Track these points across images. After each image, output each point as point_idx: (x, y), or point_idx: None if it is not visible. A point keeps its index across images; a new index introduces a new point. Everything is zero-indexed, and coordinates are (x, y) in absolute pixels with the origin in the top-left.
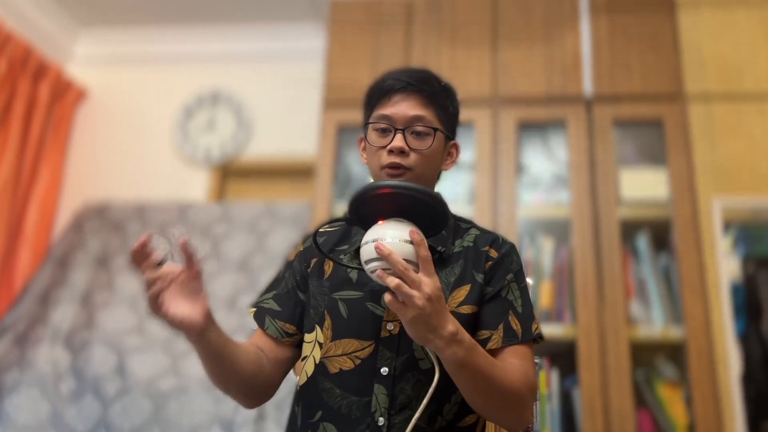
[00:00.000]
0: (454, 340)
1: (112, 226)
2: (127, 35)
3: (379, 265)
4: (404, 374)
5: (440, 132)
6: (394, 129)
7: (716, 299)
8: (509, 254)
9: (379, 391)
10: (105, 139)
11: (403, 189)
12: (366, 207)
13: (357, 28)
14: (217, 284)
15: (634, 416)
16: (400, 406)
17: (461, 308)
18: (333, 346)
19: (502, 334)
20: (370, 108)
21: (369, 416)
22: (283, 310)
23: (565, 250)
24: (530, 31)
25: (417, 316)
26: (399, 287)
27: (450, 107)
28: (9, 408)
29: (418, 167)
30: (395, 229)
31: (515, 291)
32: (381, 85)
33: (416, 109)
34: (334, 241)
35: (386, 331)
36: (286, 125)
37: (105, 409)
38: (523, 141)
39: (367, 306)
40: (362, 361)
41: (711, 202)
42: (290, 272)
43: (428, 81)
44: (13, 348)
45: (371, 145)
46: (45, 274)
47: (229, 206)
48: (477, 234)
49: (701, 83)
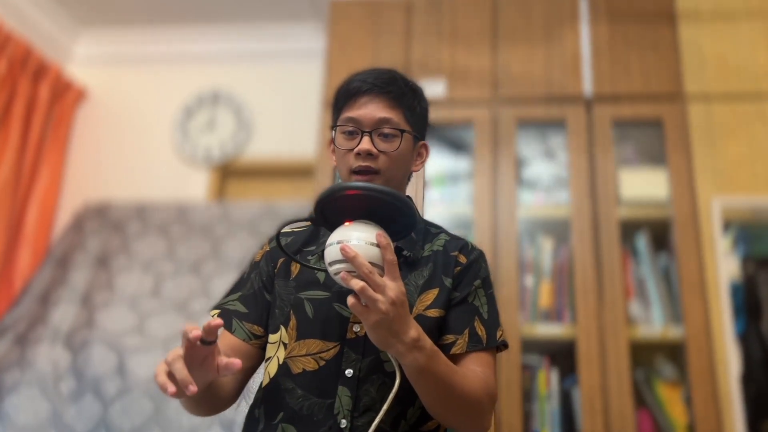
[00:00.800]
0: (416, 346)
1: (112, 226)
2: (127, 35)
3: (344, 267)
4: (369, 376)
5: (408, 133)
6: (361, 132)
7: (716, 299)
8: (478, 260)
9: (343, 393)
10: (105, 139)
11: (371, 191)
12: (333, 208)
13: (357, 28)
14: (217, 284)
15: (634, 416)
16: (363, 409)
17: (429, 311)
18: (297, 346)
19: (467, 339)
20: (337, 111)
21: (331, 418)
22: (250, 311)
23: (564, 250)
24: (530, 31)
25: (380, 320)
26: (363, 290)
27: (417, 107)
28: (9, 408)
29: (387, 170)
30: (362, 231)
31: (482, 297)
32: (347, 88)
33: (383, 111)
34: (301, 241)
35: (352, 333)
36: (286, 125)
37: (105, 409)
38: (522, 141)
39: (334, 306)
40: (326, 362)
41: (711, 202)
42: (256, 272)
43: (395, 82)
44: (13, 348)
45: (339, 148)
46: (45, 274)
47: (229, 206)
48: (447, 239)
49: (701, 83)
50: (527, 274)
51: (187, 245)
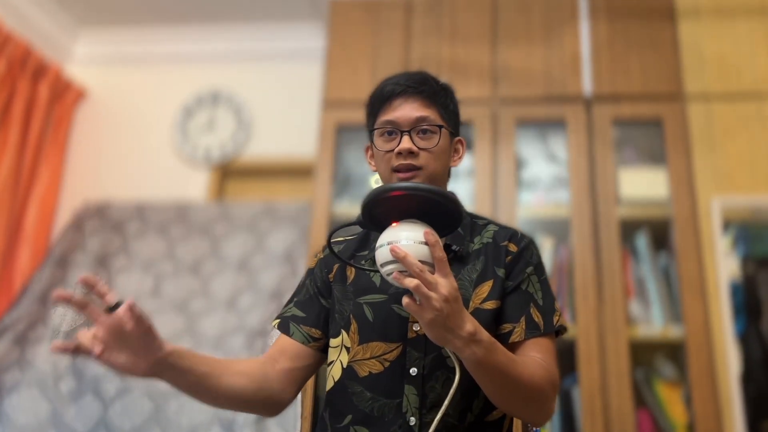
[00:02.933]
0: (473, 340)
1: (111, 226)
2: (127, 35)
3: (395, 267)
4: (433, 373)
5: (445, 129)
6: (400, 132)
7: (716, 299)
8: (528, 248)
9: (410, 392)
10: (105, 139)
11: (416, 190)
12: (379, 210)
13: (357, 28)
14: (217, 284)
15: (634, 416)
16: (430, 405)
17: (485, 304)
18: (361, 350)
19: (525, 327)
20: (373, 116)
21: (401, 417)
22: (308, 315)
23: (564, 249)
24: (530, 30)
25: (435, 317)
26: (417, 288)
27: (450, 105)
28: (9, 408)
29: (428, 166)
30: (409, 230)
31: (536, 284)
32: (381, 92)
33: (419, 110)
34: (354, 247)
35: (413, 332)
36: (286, 125)
37: (105, 409)
38: (522, 141)
39: (393, 308)
40: (391, 363)
41: (710, 201)
42: (311, 279)
43: (427, 82)
44: (13, 348)
45: (379, 151)
46: (45, 274)
47: (229, 206)
48: (495, 230)
49: (701, 83)
50: None
51: (187, 245)
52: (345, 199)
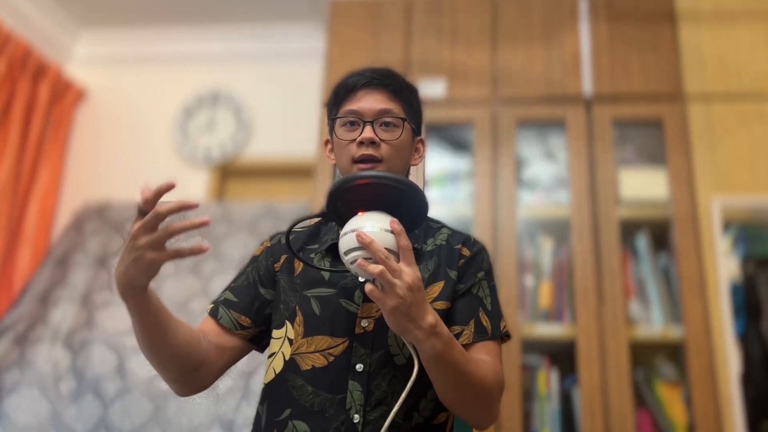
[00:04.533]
0: (434, 332)
1: (112, 226)
2: (127, 35)
3: (360, 254)
4: (380, 370)
5: (408, 124)
6: (363, 122)
7: (716, 299)
8: (480, 253)
9: (354, 388)
10: (105, 139)
11: (382, 179)
12: (344, 200)
13: (357, 27)
14: (217, 284)
15: (634, 416)
16: (375, 402)
17: (435, 304)
18: (305, 343)
19: (473, 330)
20: (335, 107)
21: (344, 413)
22: (240, 301)
23: (564, 250)
24: (530, 31)
25: (397, 305)
26: (382, 274)
27: (414, 103)
28: (9, 408)
29: (389, 158)
30: (375, 219)
31: (485, 289)
32: (345, 83)
33: (383, 102)
34: (303, 239)
35: (360, 328)
36: (286, 125)
37: (105, 409)
38: (522, 141)
39: (341, 303)
40: (336, 358)
41: (710, 202)
42: (253, 266)
43: (392, 77)
44: (13, 348)
45: (340, 140)
46: (45, 274)
47: (229, 206)
48: (449, 233)
49: (701, 83)
50: (527, 274)
51: (187, 245)
52: None
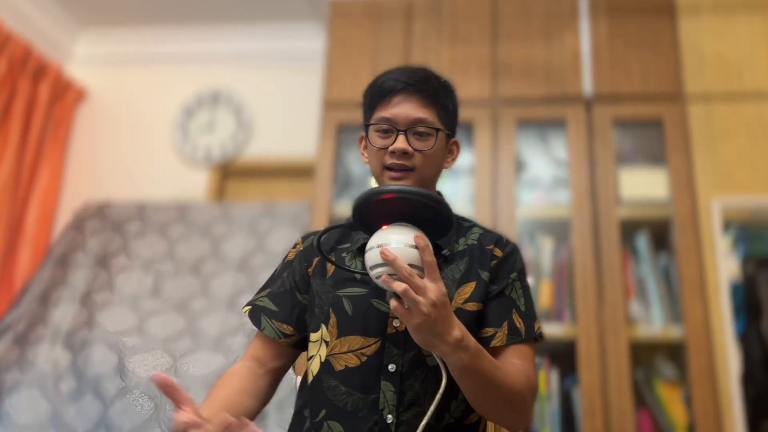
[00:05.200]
0: (460, 346)
1: (112, 226)
2: (127, 35)
3: (385, 270)
4: (412, 371)
5: (442, 132)
6: (396, 130)
7: (716, 299)
8: (513, 253)
9: (387, 388)
10: (105, 139)
11: (407, 194)
12: (370, 212)
13: (357, 27)
14: (217, 284)
15: (634, 416)
16: (408, 403)
17: (467, 305)
18: (338, 344)
19: (506, 332)
20: (370, 109)
21: (377, 413)
22: (281, 310)
23: (564, 249)
24: (530, 30)
25: (422, 322)
26: (405, 293)
27: (450, 105)
28: (9, 408)
29: (422, 168)
30: (400, 233)
31: (518, 290)
32: (381, 86)
33: (418, 110)
34: (334, 239)
35: (392, 328)
36: (286, 125)
37: (105, 409)
38: (522, 141)
39: (372, 303)
40: (368, 358)
41: (711, 202)
42: (289, 272)
43: (428, 80)
44: (13, 348)
45: (373, 146)
46: (45, 274)
47: (229, 206)
48: (480, 233)
49: (701, 83)
50: (527, 274)
51: (187, 245)
52: (345, 200)
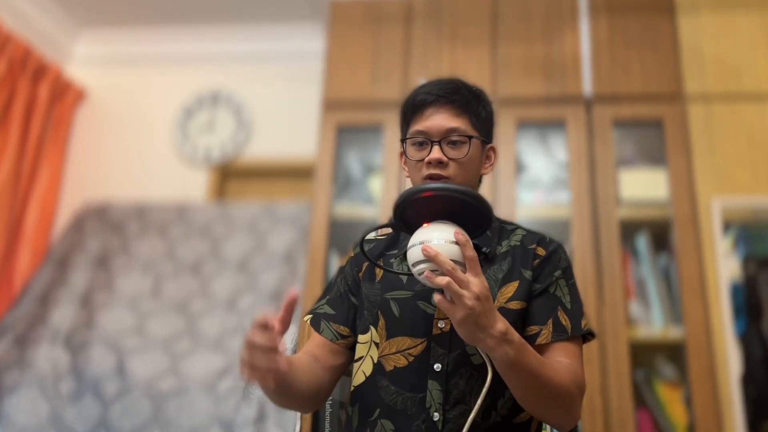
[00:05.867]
0: (505, 339)
1: (111, 226)
2: (127, 35)
3: (427, 266)
4: (457, 370)
5: (476, 139)
6: (431, 142)
7: (716, 299)
8: (557, 252)
9: (433, 387)
10: (105, 139)
11: (446, 191)
12: (410, 211)
13: (356, 28)
14: (217, 285)
15: (634, 416)
16: (454, 401)
17: (509, 304)
18: (388, 345)
19: (552, 330)
20: (405, 124)
21: (424, 412)
22: (338, 313)
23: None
24: (530, 31)
25: (467, 315)
26: (449, 286)
27: (483, 112)
28: (9, 408)
29: (457, 176)
30: (440, 231)
31: (563, 287)
32: (413, 101)
33: (450, 120)
34: (383, 246)
35: (437, 329)
36: (286, 125)
37: (105, 409)
38: (522, 141)
39: (418, 305)
40: (415, 358)
41: (711, 202)
42: (342, 277)
43: (459, 90)
44: (13, 348)
45: (410, 160)
46: (45, 274)
47: (229, 206)
48: (524, 234)
49: (701, 83)
50: None
51: (187, 245)
52: (345, 200)
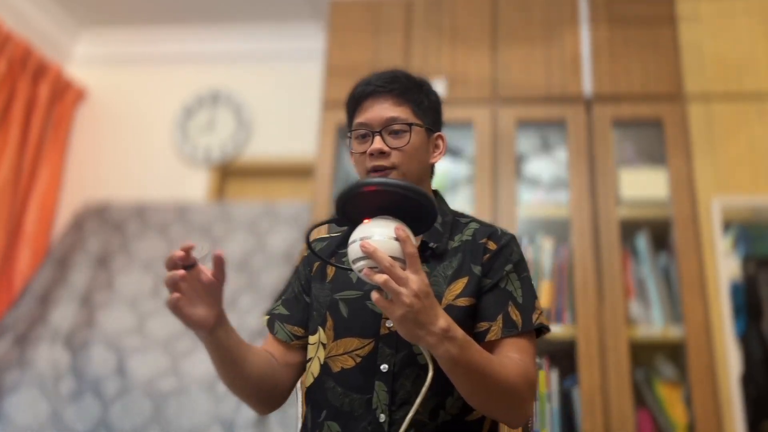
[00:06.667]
0: (447, 336)
1: (111, 226)
2: (127, 35)
3: (366, 263)
4: (403, 370)
5: (417, 126)
6: (372, 133)
7: (716, 299)
8: (509, 245)
9: (380, 388)
10: (105, 139)
11: (387, 186)
12: (353, 207)
13: (356, 28)
14: None
15: (634, 416)
16: (400, 402)
17: (458, 301)
18: (335, 346)
19: (501, 325)
20: (350, 119)
21: (371, 413)
22: (292, 314)
23: (564, 249)
24: (530, 30)
25: (405, 313)
26: (386, 283)
27: (425, 101)
28: (9, 408)
29: (401, 165)
30: (381, 226)
31: (515, 281)
32: (353, 95)
33: (389, 110)
34: (336, 244)
35: (385, 329)
36: (286, 125)
37: (105, 409)
38: (522, 141)
39: (367, 304)
40: (363, 359)
41: (711, 201)
42: (296, 277)
43: (397, 80)
44: (13, 348)
45: (355, 153)
46: (45, 274)
47: (229, 206)
48: (476, 228)
49: (701, 83)
50: None
51: None
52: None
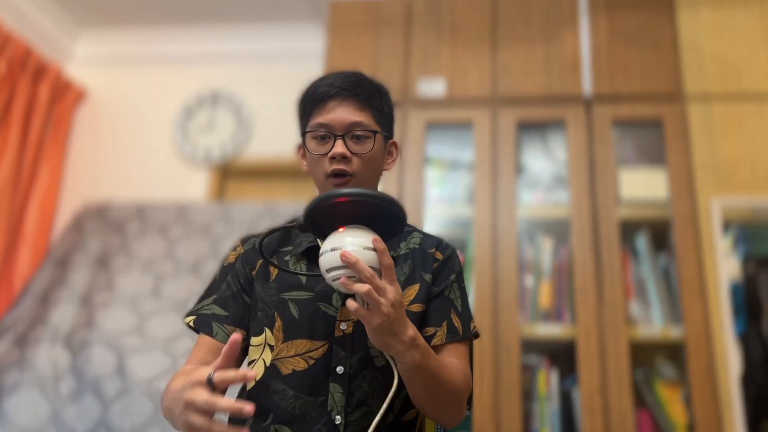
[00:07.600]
0: (414, 344)
1: (112, 226)
2: (127, 35)
3: (344, 273)
4: (360, 372)
5: (379, 134)
6: (334, 136)
7: (716, 299)
8: (452, 257)
9: (335, 390)
10: (105, 139)
11: (361, 196)
12: (323, 216)
13: (357, 28)
14: None
15: (634, 416)
16: (356, 403)
17: (412, 306)
18: (285, 348)
19: (446, 331)
20: (305, 117)
21: (325, 415)
22: (230, 314)
23: (564, 250)
24: (530, 31)
25: (382, 322)
26: (369, 293)
27: (385, 108)
28: (9, 408)
29: (361, 172)
30: (357, 236)
31: (456, 291)
32: (314, 93)
33: (354, 114)
34: (276, 242)
35: (339, 331)
36: (286, 125)
37: (105, 409)
38: (522, 141)
39: (319, 306)
40: (316, 361)
41: (710, 202)
42: (232, 274)
43: (362, 84)
44: (13, 348)
45: (312, 154)
46: (45, 274)
47: (229, 206)
48: (421, 237)
49: (701, 83)
50: (527, 274)
51: (187, 245)
52: None
